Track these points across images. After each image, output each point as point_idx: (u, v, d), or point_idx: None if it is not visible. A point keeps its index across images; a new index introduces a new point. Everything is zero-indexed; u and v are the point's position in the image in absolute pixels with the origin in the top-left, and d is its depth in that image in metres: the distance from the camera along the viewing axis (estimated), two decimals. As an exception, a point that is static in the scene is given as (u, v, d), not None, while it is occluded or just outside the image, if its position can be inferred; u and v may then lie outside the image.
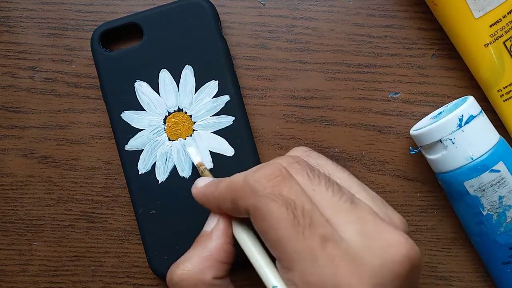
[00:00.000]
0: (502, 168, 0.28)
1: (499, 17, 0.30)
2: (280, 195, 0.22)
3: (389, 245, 0.21)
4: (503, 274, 0.30)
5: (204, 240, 0.25)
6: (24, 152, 0.33)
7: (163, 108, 0.32)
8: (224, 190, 0.24)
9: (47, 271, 0.33)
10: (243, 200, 0.22)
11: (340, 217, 0.22)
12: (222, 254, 0.24)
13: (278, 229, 0.21)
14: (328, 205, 0.22)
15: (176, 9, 0.32)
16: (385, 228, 0.22)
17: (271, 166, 0.23)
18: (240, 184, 0.23)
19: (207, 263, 0.24)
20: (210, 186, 0.25)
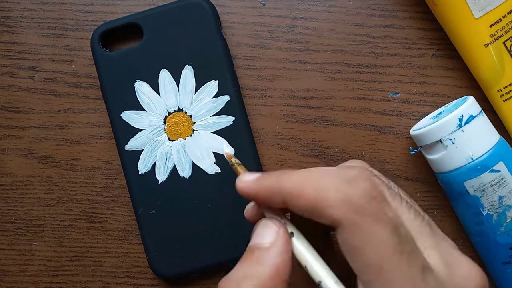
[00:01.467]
0: (502, 168, 0.28)
1: (499, 17, 0.30)
2: (388, 217, 0.20)
3: (468, 276, 0.21)
4: (503, 274, 0.30)
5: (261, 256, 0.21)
6: (24, 152, 0.33)
7: (163, 108, 0.32)
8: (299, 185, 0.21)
9: (47, 271, 0.33)
10: (336, 210, 0.20)
11: (424, 242, 0.21)
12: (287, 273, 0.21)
13: (380, 252, 0.19)
14: (412, 229, 0.21)
15: (176, 9, 0.32)
16: (461, 257, 0.21)
17: (369, 181, 0.21)
18: (332, 191, 0.20)
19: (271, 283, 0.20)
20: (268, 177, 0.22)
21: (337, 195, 0.20)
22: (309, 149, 0.33)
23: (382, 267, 0.19)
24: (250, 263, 0.21)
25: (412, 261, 0.19)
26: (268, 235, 0.21)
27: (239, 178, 0.23)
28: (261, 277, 0.20)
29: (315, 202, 0.20)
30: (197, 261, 0.31)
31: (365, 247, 0.19)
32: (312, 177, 0.21)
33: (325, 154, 0.33)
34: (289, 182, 0.21)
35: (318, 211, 0.20)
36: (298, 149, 0.33)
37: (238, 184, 0.23)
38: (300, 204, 0.21)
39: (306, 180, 0.21)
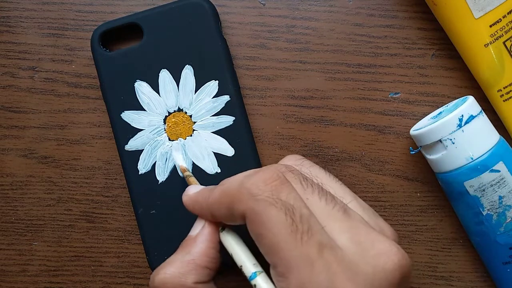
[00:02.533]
0: (502, 168, 0.28)
1: (499, 17, 0.30)
2: (279, 199, 0.21)
3: (381, 254, 0.21)
4: (503, 274, 0.30)
5: (188, 244, 0.25)
6: (24, 152, 0.33)
7: (163, 108, 0.32)
8: (218, 196, 0.24)
9: (47, 271, 0.33)
10: (240, 204, 0.22)
11: (334, 226, 0.22)
12: (204, 258, 0.24)
13: (276, 234, 0.21)
14: (322, 214, 0.22)
15: (176, 9, 0.32)
16: (377, 237, 0.22)
17: (268, 170, 0.23)
18: (236, 188, 0.22)
19: (189, 267, 0.24)
20: (203, 193, 0.25)
21: (239, 189, 0.22)
22: (309, 149, 0.33)
23: (280, 247, 0.21)
24: (177, 252, 0.25)
25: (307, 239, 0.21)
26: (197, 227, 0.25)
27: (185, 191, 0.27)
28: (183, 261, 0.24)
29: (229, 203, 0.23)
30: (197, 261, 0.31)
31: (263, 231, 0.21)
32: (225, 183, 0.24)
33: (325, 154, 0.33)
34: (212, 197, 0.24)
35: (232, 213, 0.23)
36: (298, 149, 0.33)
37: (183, 197, 0.27)
38: (222, 213, 0.24)
39: (222, 188, 0.24)
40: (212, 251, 0.25)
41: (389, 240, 0.22)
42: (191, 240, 0.25)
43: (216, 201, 0.24)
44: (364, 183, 0.33)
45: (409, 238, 0.33)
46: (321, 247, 0.20)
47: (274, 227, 0.21)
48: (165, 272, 0.24)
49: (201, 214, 0.25)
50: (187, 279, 0.24)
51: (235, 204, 0.22)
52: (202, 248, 0.25)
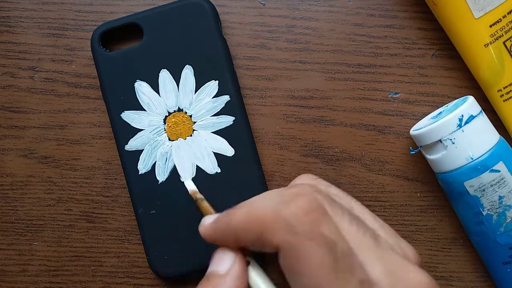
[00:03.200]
0: (502, 168, 0.28)
1: (499, 17, 0.30)
2: (320, 234, 0.20)
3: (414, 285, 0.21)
4: (503, 274, 0.30)
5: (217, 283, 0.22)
6: (24, 152, 0.33)
7: (163, 108, 0.32)
8: (244, 219, 0.21)
9: (47, 271, 0.33)
10: (274, 235, 0.20)
11: (366, 255, 0.21)
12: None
13: (318, 273, 0.19)
14: (354, 242, 0.21)
15: (176, 9, 0.32)
16: (408, 267, 0.21)
17: (307, 197, 0.21)
18: (269, 216, 0.20)
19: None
20: (221, 218, 0.23)
21: (272, 218, 0.20)
22: (309, 149, 0.33)
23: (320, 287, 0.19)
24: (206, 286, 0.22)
25: (349, 277, 0.19)
26: (225, 262, 0.22)
27: (201, 223, 0.24)
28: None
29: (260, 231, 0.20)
30: (197, 261, 0.31)
31: (301, 269, 0.19)
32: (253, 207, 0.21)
33: (325, 154, 0.33)
34: (236, 220, 0.21)
35: (262, 242, 0.21)
36: (298, 149, 0.33)
37: (199, 229, 0.24)
38: (248, 239, 0.21)
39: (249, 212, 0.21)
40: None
41: (420, 270, 0.21)
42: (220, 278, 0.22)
43: (241, 226, 0.21)
44: (364, 183, 0.33)
45: (409, 238, 0.33)
46: (363, 284, 0.20)
47: (315, 266, 0.19)
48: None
49: (224, 241, 0.23)
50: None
51: (268, 234, 0.20)
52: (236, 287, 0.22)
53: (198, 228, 0.24)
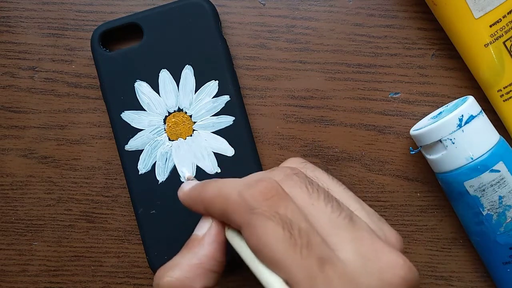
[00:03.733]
0: (502, 168, 0.28)
1: (499, 17, 0.30)
2: (277, 213, 0.21)
3: (387, 267, 0.21)
4: (503, 274, 0.30)
5: (195, 245, 0.24)
6: (24, 152, 0.33)
7: (163, 108, 0.32)
8: (212, 194, 0.23)
9: (47, 271, 0.33)
10: (237, 215, 0.22)
11: (338, 236, 0.21)
12: (213, 262, 0.24)
13: (275, 249, 0.20)
14: (327, 222, 0.22)
15: (176, 9, 0.32)
16: (383, 248, 0.21)
17: (267, 182, 0.22)
18: (233, 197, 0.22)
19: (197, 271, 0.23)
20: (196, 188, 0.25)
21: (236, 199, 0.22)
22: (309, 149, 0.33)
23: (279, 262, 0.20)
24: (183, 252, 0.24)
25: (307, 253, 0.20)
26: (203, 227, 0.24)
27: (180, 188, 0.26)
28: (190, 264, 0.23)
29: (224, 208, 0.23)
30: (197, 261, 0.31)
31: (261, 246, 0.21)
32: (224, 184, 0.23)
33: (325, 154, 0.33)
34: (207, 192, 0.24)
35: (226, 216, 0.23)
36: (298, 149, 0.33)
37: (178, 193, 0.26)
38: (215, 211, 0.23)
39: (219, 188, 0.23)
40: (219, 254, 0.24)
41: (395, 252, 0.21)
42: (198, 241, 0.24)
43: (209, 199, 0.23)
44: (364, 183, 0.33)
45: (409, 238, 0.33)
46: (321, 262, 0.20)
47: (272, 241, 0.20)
48: (171, 275, 0.23)
49: (196, 209, 0.25)
50: (196, 284, 0.23)
51: (232, 214, 0.22)
52: (210, 250, 0.24)
53: (178, 191, 0.26)
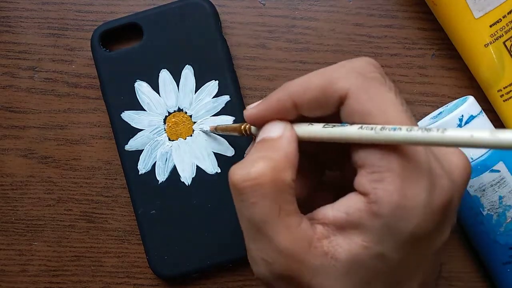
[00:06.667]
0: (502, 168, 0.28)
1: (499, 17, 0.30)
2: (389, 82, 0.21)
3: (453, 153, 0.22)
4: (503, 274, 0.30)
5: (272, 144, 0.21)
6: (24, 152, 0.33)
7: (163, 108, 0.32)
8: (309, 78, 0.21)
9: (47, 271, 0.33)
10: (344, 82, 0.20)
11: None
12: (296, 160, 0.21)
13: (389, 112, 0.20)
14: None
15: (176, 9, 0.32)
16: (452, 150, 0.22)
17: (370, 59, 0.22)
18: (337, 68, 0.21)
19: (285, 163, 0.21)
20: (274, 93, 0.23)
21: (342, 69, 0.21)
22: (309, 149, 0.33)
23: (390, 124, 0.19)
24: (261, 149, 0.21)
25: (413, 120, 0.20)
26: (276, 129, 0.22)
27: (245, 110, 0.23)
28: (274, 158, 0.20)
29: (323, 84, 0.21)
30: (197, 261, 0.31)
31: (374, 108, 0.20)
32: (315, 72, 0.22)
33: (325, 154, 0.33)
34: (294, 85, 0.22)
35: (327, 92, 0.21)
36: (298, 149, 0.33)
37: (246, 113, 0.23)
38: (310, 95, 0.21)
39: (310, 75, 0.22)
40: (297, 155, 0.21)
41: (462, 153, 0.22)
42: (274, 140, 0.21)
43: (302, 86, 0.21)
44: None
45: (409, 238, 0.33)
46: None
47: (386, 103, 0.20)
48: (258, 166, 0.20)
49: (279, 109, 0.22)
50: (287, 175, 0.20)
51: (337, 82, 0.20)
52: (291, 148, 0.21)
53: (244, 113, 0.23)
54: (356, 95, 0.20)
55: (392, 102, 0.20)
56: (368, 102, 0.20)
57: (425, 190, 0.19)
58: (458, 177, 0.21)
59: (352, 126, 0.20)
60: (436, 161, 0.20)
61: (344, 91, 0.20)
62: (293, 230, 0.20)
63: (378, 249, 0.20)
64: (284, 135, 0.22)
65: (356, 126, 0.20)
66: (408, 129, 0.18)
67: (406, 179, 0.19)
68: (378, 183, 0.19)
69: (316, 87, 0.21)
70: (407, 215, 0.19)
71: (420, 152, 0.20)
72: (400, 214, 0.19)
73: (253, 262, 0.21)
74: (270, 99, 0.23)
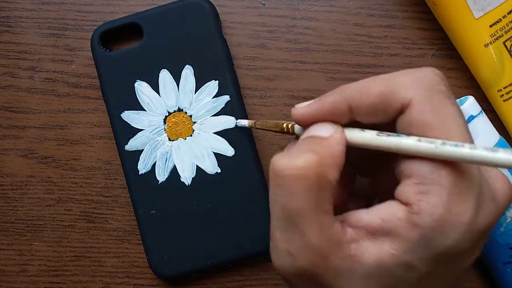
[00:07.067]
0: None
1: (499, 17, 0.30)
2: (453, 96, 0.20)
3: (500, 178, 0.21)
4: (503, 274, 0.30)
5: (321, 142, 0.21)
6: (24, 152, 0.33)
7: (163, 108, 0.32)
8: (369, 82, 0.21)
9: (47, 271, 0.33)
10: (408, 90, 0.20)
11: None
12: (342, 162, 0.21)
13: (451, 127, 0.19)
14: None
15: (176, 9, 0.32)
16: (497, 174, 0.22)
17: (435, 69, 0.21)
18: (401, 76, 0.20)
19: (332, 161, 0.20)
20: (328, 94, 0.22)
21: (406, 77, 0.20)
22: (309, 149, 0.33)
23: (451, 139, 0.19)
24: (309, 144, 0.21)
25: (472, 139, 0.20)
26: (326, 129, 0.21)
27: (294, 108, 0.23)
28: (322, 154, 0.20)
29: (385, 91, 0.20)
30: (197, 261, 0.31)
31: (435, 121, 0.19)
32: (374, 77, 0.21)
33: (325, 154, 0.33)
34: (351, 88, 0.21)
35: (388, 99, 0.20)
36: (298, 149, 0.33)
37: (295, 111, 0.23)
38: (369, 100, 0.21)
39: (369, 80, 0.21)
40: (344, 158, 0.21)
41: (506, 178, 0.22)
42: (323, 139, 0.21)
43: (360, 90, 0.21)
44: (364, 183, 0.33)
45: (409, 238, 0.33)
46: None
47: (449, 118, 0.19)
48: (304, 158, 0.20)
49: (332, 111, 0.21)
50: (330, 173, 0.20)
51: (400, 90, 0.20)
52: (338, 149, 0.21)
53: (292, 112, 0.23)
54: (419, 105, 0.20)
55: (455, 116, 0.20)
56: (430, 113, 0.19)
57: (472, 210, 0.19)
58: (501, 201, 0.21)
59: (410, 138, 0.19)
60: (487, 185, 0.20)
61: (407, 101, 0.20)
62: (325, 229, 0.20)
63: (407, 258, 0.19)
64: (333, 136, 0.21)
65: (415, 138, 0.19)
66: (471, 147, 0.18)
67: (454, 196, 0.19)
68: (424, 195, 0.19)
69: (376, 93, 0.20)
70: (448, 231, 0.19)
71: (473, 171, 0.19)
72: (440, 228, 0.19)
73: (276, 254, 0.21)
74: (324, 100, 0.22)
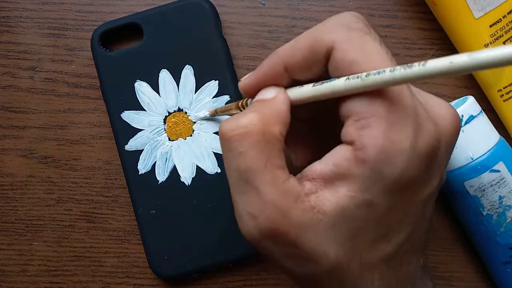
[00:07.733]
0: (502, 168, 0.28)
1: (499, 17, 0.30)
2: (373, 32, 0.21)
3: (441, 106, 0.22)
4: (503, 274, 0.30)
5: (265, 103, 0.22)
6: (24, 152, 0.33)
7: (163, 108, 0.32)
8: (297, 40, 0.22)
9: (47, 271, 0.33)
10: (330, 34, 0.20)
11: None
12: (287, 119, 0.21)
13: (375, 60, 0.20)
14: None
15: (176, 9, 0.32)
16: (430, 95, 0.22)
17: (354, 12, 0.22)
18: (323, 24, 0.21)
19: (275, 119, 0.21)
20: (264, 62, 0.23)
21: (326, 24, 0.21)
22: (309, 149, 0.33)
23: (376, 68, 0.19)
24: (253, 107, 0.22)
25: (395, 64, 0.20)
26: (269, 92, 0.22)
27: (239, 82, 0.24)
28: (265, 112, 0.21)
29: (311, 42, 0.21)
30: (197, 261, 0.31)
31: (359, 56, 0.20)
32: (302, 33, 0.22)
33: (325, 154, 0.33)
34: (283, 49, 0.22)
35: (314, 49, 0.21)
36: (298, 149, 0.33)
37: (240, 84, 0.23)
38: (299, 56, 0.21)
39: (298, 37, 0.22)
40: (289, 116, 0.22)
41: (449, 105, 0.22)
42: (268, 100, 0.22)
43: (293, 46, 0.22)
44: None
45: (409, 238, 0.33)
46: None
47: (371, 52, 0.20)
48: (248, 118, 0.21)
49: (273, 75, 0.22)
50: (275, 128, 0.21)
51: (324, 35, 0.21)
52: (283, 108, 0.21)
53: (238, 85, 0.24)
54: (342, 45, 0.20)
55: (377, 50, 0.20)
56: (353, 51, 0.20)
57: (411, 134, 0.19)
58: (445, 125, 0.21)
59: (340, 79, 0.20)
60: (423, 109, 0.20)
61: (330, 44, 0.20)
62: (280, 183, 0.20)
63: (365, 196, 0.20)
64: (277, 96, 0.22)
65: (343, 78, 0.20)
66: (391, 70, 0.18)
67: (391, 124, 0.19)
68: (364, 129, 0.19)
69: (304, 46, 0.21)
70: (393, 159, 0.19)
71: (405, 96, 0.20)
72: (385, 158, 0.19)
73: (239, 219, 0.21)
74: (262, 66, 0.23)
